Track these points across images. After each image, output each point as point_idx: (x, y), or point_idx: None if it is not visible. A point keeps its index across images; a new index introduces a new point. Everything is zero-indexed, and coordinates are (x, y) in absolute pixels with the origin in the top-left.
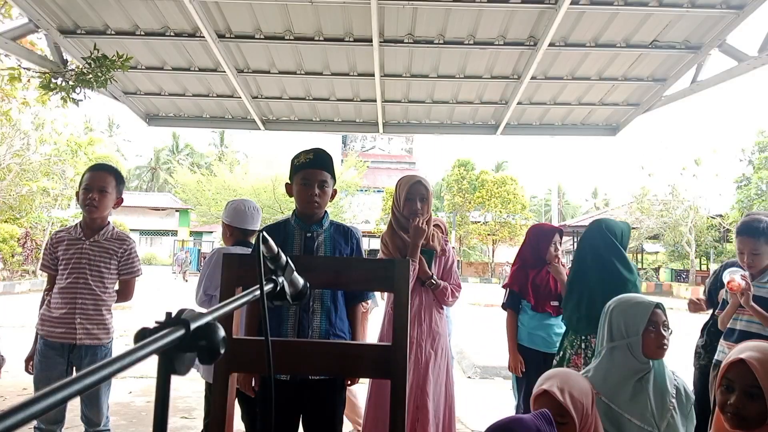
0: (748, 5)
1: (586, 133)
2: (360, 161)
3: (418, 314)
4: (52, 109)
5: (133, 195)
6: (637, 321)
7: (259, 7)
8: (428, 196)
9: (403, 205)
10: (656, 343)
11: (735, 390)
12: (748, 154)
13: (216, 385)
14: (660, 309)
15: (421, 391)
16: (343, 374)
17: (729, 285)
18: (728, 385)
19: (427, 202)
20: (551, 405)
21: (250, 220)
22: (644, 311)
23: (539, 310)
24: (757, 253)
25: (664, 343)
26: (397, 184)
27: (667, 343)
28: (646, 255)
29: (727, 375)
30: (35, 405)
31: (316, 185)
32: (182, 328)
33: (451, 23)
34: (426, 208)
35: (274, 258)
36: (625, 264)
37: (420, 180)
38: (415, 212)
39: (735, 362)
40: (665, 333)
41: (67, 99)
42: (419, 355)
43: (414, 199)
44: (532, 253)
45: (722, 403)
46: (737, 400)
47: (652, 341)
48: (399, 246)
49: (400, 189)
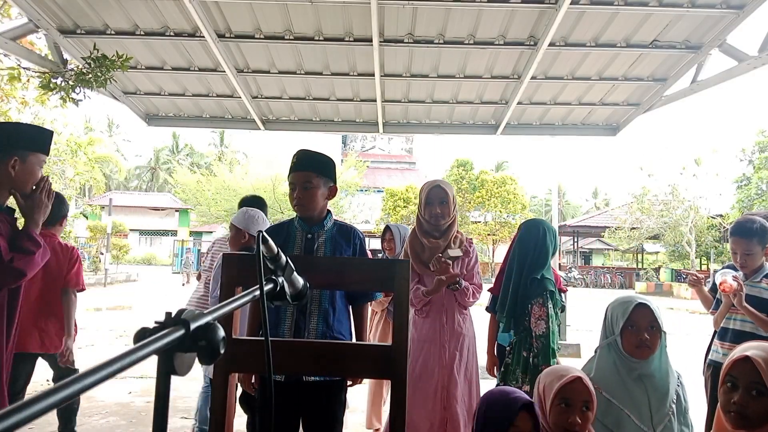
0: (748, 5)
1: (586, 133)
2: (360, 161)
3: (441, 315)
4: (51, 109)
5: (133, 195)
6: (617, 319)
7: (259, 7)
8: (448, 199)
9: (424, 209)
10: (634, 342)
11: (739, 388)
12: (748, 154)
13: (215, 385)
14: (646, 308)
15: (447, 392)
16: (342, 374)
17: (721, 287)
18: (732, 383)
19: (447, 205)
20: (749, 371)
21: (263, 227)
22: (624, 310)
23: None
24: (749, 253)
25: (641, 342)
26: (420, 188)
27: (648, 343)
28: (647, 255)
29: (731, 373)
30: (34, 405)
31: (299, 187)
32: (182, 328)
33: (451, 23)
34: (446, 210)
35: (274, 258)
36: (542, 265)
37: (439, 184)
38: (435, 216)
39: (739, 360)
40: (646, 333)
41: (66, 99)
42: (444, 355)
43: (433, 203)
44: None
45: (725, 402)
46: (741, 398)
47: (630, 340)
48: (418, 250)
49: (422, 193)
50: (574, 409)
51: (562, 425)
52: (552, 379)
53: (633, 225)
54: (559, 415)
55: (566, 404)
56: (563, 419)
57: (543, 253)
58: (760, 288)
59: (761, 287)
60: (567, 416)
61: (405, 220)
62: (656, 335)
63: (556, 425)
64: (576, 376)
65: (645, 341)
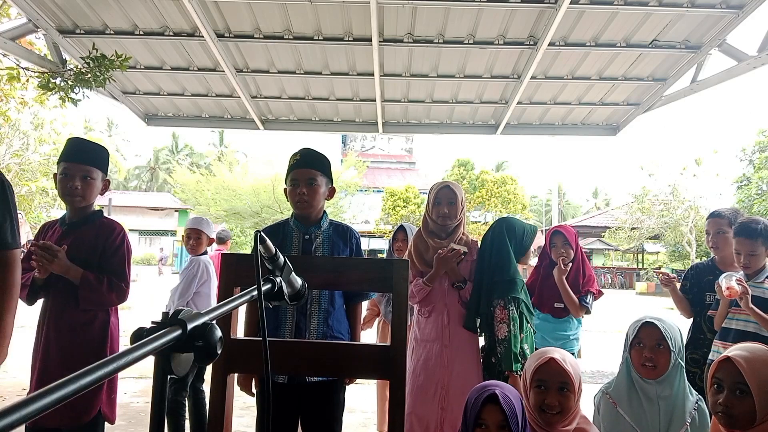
0: (748, 5)
1: (586, 132)
2: (360, 161)
3: (443, 315)
4: (51, 109)
5: (132, 195)
6: (629, 336)
7: (258, 7)
8: (456, 200)
9: (432, 208)
10: (640, 359)
11: (724, 389)
12: (748, 153)
13: (214, 385)
14: (652, 327)
15: (446, 392)
16: (342, 375)
17: (729, 293)
18: (718, 384)
19: (456, 206)
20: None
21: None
22: (635, 327)
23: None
24: (754, 254)
25: (645, 360)
26: (429, 189)
27: (652, 361)
28: (647, 255)
29: (716, 375)
30: (32, 405)
31: (304, 183)
32: (179, 328)
33: (450, 23)
34: (454, 211)
35: (272, 258)
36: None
37: (449, 184)
38: (444, 215)
39: (722, 361)
40: (649, 351)
41: (65, 99)
42: (444, 355)
43: (442, 203)
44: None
45: (713, 404)
46: (725, 399)
47: (637, 358)
48: (422, 250)
49: (431, 194)
50: (550, 390)
51: (538, 406)
52: (531, 363)
53: (633, 225)
54: (536, 396)
55: (543, 386)
56: (539, 400)
57: (503, 252)
58: (764, 288)
59: (764, 288)
60: (543, 397)
61: (405, 220)
62: (664, 354)
63: (533, 407)
64: (549, 357)
65: (647, 359)
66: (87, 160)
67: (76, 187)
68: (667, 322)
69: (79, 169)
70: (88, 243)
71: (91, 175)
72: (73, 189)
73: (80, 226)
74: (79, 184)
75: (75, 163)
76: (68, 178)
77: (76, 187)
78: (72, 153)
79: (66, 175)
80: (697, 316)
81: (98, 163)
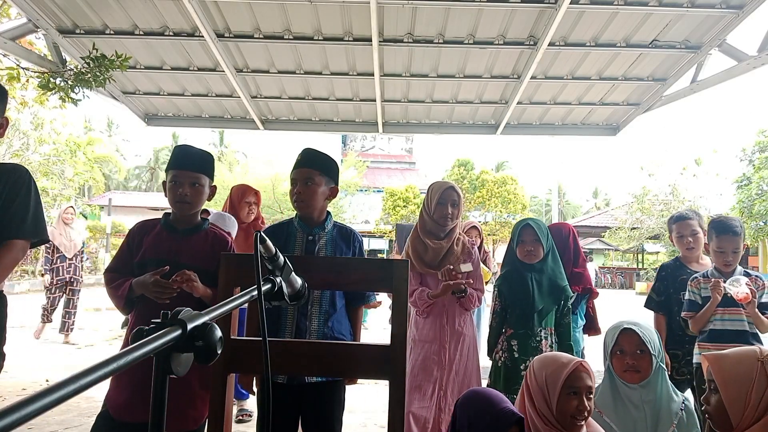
0: (748, 5)
1: (586, 132)
2: (360, 161)
3: (442, 315)
4: (50, 109)
5: (132, 195)
6: (608, 344)
7: (258, 7)
8: (459, 202)
9: (434, 209)
10: (622, 366)
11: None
12: (748, 153)
13: (214, 385)
14: (632, 333)
15: (443, 393)
16: (342, 375)
17: (745, 297)
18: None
19: (458, 208)
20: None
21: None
22: (613, 335)
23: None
24: (737, 251)
25: (627, 367)
26: (428, 188)
27: (635, 367)
28: (647, 255)
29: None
30: (32, 405)
31: (301, 183)
32: (179, 328)
33: (450, 23)
34: (456, 212)
35: (272, 258)
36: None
37: (453, 186)
38: (446, 216)
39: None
40: (631, 357)
41: (65, 99)
42: (443, 356)
43: (446, 204)
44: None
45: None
46: (705, 399)
47: (618, 364)
48: (420, 251)
49: (433, 193)
50: (581, 396)
51: (569, 413)
52: (555, 368)
53: (633, 225)
54: (567, 403)
55: (574, 392)
56: (572, 407)
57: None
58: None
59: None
60: (576, 403)
61: (405, 220)
62: (645, 358)
63: (563, 413)
64: (579, 361)
65: (630, 366)
66: (195, 166)
67: (186, 194)
68: (644, 326)
69: (188, 177)
70: (203, 252)
71: (200, 182)
72: (183, 196)
73: (191, 233)
74: (189, 191)
75: (184, 171)
76: (178, 185)
77: (186, 194)
78: (180, 160)
79: (176, 183)
80: (676, 315)
81: (205, 169)
